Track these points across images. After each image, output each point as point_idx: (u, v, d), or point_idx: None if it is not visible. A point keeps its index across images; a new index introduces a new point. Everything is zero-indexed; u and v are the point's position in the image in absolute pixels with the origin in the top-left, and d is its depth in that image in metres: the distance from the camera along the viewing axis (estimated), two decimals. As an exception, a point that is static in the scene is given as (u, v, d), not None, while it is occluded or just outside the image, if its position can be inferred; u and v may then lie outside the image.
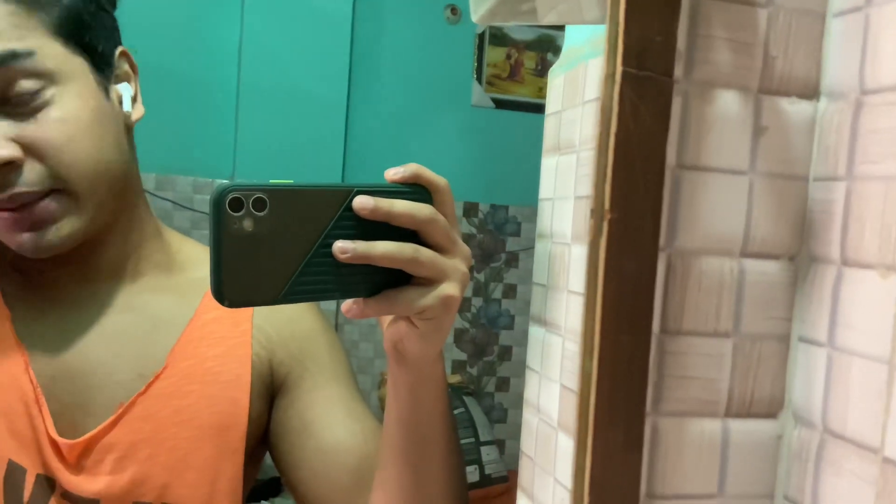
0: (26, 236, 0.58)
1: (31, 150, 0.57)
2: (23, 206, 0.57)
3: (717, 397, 0.37)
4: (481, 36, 2.17)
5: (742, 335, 0.37)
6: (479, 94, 2.18)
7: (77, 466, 0.63)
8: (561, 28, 0.45)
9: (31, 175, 0.57)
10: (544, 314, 0.46)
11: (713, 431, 0.37)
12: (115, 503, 0.63)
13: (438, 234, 0.44)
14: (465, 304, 2.21)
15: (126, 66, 0.67)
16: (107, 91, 0.64)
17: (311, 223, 0.40)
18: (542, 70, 2.19)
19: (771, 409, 0.38)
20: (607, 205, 0.34)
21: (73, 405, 0.64)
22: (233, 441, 0.67)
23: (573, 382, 0.40)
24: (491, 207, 2.21)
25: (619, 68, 0.33)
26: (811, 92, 0.38)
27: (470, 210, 2.19)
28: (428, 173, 0.46)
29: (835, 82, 0.37)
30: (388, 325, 0.48)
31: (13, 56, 0.56)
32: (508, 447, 2.24)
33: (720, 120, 0.37)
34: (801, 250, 0.38)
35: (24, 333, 0.64)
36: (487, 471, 1.92)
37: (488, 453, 1.95)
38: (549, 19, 0.40)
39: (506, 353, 2.26)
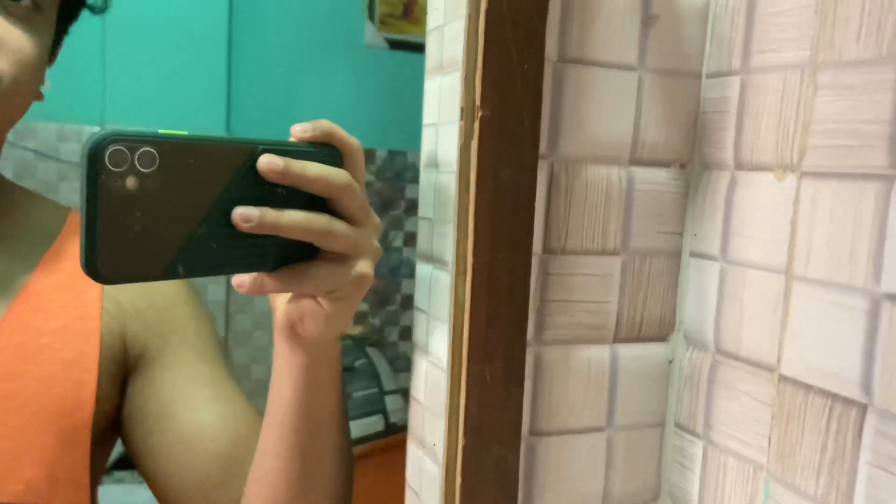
0: None
1: None
2: None
3: (605, 321, 0.33)
4: (372, -29, 2.06)
5: (631, 252, 0.34)
6: (372, 34, 2.08)
7: None
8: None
9: None
10: (431, 249, 0.41)
11: (601, 359, 0.33)
12: None
13: (353, 203, 0.38)
14: (364, 253, 2.15)
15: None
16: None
17: (206, 184, 0.34)
18: (438, 9, 2.10)
19: (661, 331, 0.35)
20: (478, 100, 0.29)
21: None
22: (76, 429, 0.57)
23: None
24: (388, 154, 2.14)
25: (488, -66, 0.28)
26: (704, -23, 0.34)
27: (367, 157, 2.11)
28: (341, 133, 0.39)
29: (729, -35, 0.33)
30: (286, 303, 0.42)
31: None
32: (413, 396, 2.23)
33: (607, 6, 0.32)
34: (692, 156, 0.34)
35: None
36: (392, 419, 1.91)
37: (393, 402, 1.94)
38: None
39: (408, 301, 2.22)
